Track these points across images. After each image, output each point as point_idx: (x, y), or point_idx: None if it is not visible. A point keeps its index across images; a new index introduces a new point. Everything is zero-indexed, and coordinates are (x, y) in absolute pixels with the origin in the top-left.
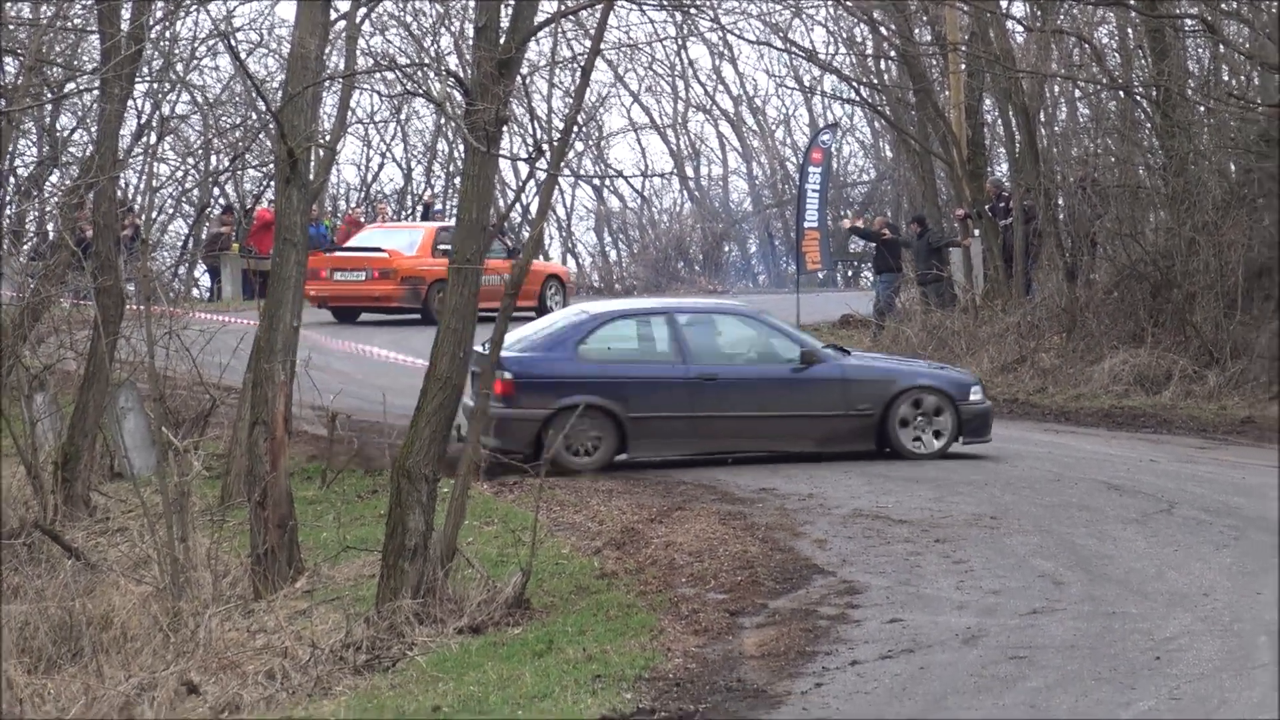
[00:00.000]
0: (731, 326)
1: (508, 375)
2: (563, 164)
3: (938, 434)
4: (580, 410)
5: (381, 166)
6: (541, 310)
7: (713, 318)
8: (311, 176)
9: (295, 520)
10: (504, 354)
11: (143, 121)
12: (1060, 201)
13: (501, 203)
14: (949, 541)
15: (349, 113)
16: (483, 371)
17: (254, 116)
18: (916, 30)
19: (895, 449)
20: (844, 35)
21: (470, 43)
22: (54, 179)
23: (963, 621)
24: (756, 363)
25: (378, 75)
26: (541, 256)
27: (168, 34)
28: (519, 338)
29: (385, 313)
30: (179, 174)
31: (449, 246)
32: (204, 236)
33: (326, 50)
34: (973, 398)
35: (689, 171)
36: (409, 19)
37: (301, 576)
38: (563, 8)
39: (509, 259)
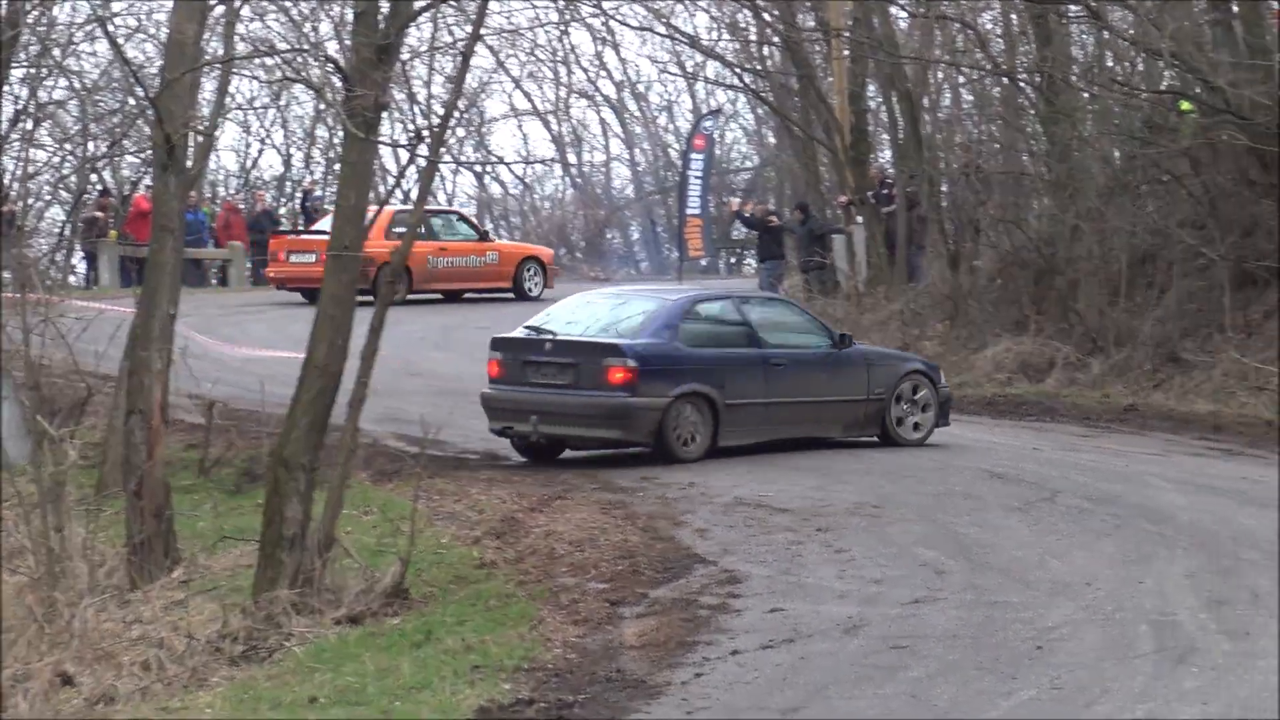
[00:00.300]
0: (778, 311)
1: (631, 363)
2: (443, 150)
3: (924, 411)
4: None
5: (261, 153)
6: (519, 292)
7: (765, 302)
8: (189, 163)
9: (172, 510)
10: (622, 342)
11: (19, 107)
12: (944, 188)
13: (381, 189)
14: (831, 530)
15: (228, 98)
16: (364, 358)
17: (131, 102)
18: (800, 16)
19: (891, 434)
20: (727, 21)
21: (350, 28)
22: None
23: (844, 611)
24: (808, 347)
25: (257, 61)
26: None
27: (45, 19)
28: (543, 322)
29: None
30: (56, 160)
31: (403, 229)
32: (80, 223)
33: (205, 36)
34: (944, 382)
35: (571, 158)
36: (288, 4)
37: (178, 566)
38: None
39: (480, 241)
